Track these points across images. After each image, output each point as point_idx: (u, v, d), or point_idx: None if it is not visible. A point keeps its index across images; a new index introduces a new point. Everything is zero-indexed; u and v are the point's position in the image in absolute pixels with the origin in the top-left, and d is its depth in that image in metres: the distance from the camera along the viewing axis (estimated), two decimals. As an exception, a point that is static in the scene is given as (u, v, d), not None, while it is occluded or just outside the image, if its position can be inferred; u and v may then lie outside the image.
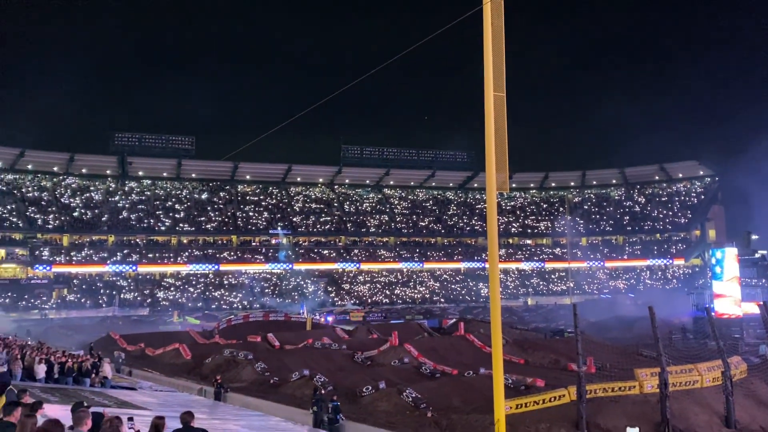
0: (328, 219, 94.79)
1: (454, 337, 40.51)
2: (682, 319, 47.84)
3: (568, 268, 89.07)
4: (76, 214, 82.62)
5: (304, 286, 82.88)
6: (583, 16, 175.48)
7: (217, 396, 23.93)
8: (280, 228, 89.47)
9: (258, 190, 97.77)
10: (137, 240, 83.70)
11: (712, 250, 55.84)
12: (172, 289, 78.55)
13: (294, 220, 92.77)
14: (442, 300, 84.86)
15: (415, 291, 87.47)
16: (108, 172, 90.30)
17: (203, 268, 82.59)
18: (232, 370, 31.52)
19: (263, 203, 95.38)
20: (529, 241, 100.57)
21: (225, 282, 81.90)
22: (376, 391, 25.41)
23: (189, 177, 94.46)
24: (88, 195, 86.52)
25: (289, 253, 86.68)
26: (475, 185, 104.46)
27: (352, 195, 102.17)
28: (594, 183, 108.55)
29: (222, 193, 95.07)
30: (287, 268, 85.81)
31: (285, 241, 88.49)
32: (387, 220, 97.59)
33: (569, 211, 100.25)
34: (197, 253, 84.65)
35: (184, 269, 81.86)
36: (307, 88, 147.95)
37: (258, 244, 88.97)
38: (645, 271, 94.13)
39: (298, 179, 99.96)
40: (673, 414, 19.40)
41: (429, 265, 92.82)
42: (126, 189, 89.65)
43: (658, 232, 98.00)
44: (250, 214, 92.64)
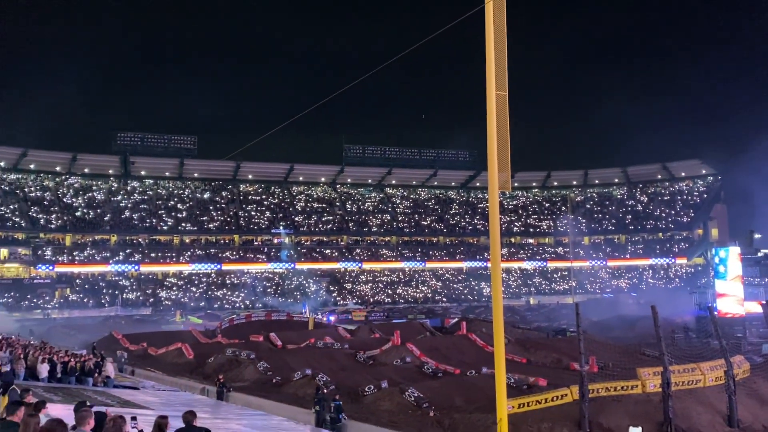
0: (330, 218, 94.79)
1: (457, 336, 40.36)
2: (685, 319, 47.74)
3: (570, 267, 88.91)
4: (78, 213, 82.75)
5: (307, 285, 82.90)
6: (585, 15, 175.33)
7: (220, 395, 23.95)
8: (282, 227, 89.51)
9: (260, 190, 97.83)
10: (140, 240, 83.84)
11: (715, 249, 55.89)
12: (175, 288, 78.67)
13: (296, 219, 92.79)
14: (444, 299, 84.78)
15: (418, 290, 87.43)
16: (110, 171, 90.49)
17: (205, 268, 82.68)
18: (235, 370, 31.53)
19: (265, 203, 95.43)
20: (531, 241, 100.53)
21: (227, 281, 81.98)
22: (378, 391, 25.37)
23: (191, 177, 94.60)
24: (90, 195, 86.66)
25: (291, 252, 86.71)
26: (478, 184, 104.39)
27: (354, 194, 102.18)
28: (596, 182, 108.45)
29: (224, 193, 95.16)
30: (289, 268, 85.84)
31: (287, 240, 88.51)
32: (389, 220, 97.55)
33: (571, 210, 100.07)
34: (199, 252, 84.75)
35: (187, 269, 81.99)
36: (308, 88, 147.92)
37: (260, 244, 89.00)
38: (647, 270, 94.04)
39: (300, 179, 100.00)
40: (676, 413, 19.38)
41: (431, 264, 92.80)
42: (128, 189, 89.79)
43: (660, 231, 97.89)
44: (253, 213, 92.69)
